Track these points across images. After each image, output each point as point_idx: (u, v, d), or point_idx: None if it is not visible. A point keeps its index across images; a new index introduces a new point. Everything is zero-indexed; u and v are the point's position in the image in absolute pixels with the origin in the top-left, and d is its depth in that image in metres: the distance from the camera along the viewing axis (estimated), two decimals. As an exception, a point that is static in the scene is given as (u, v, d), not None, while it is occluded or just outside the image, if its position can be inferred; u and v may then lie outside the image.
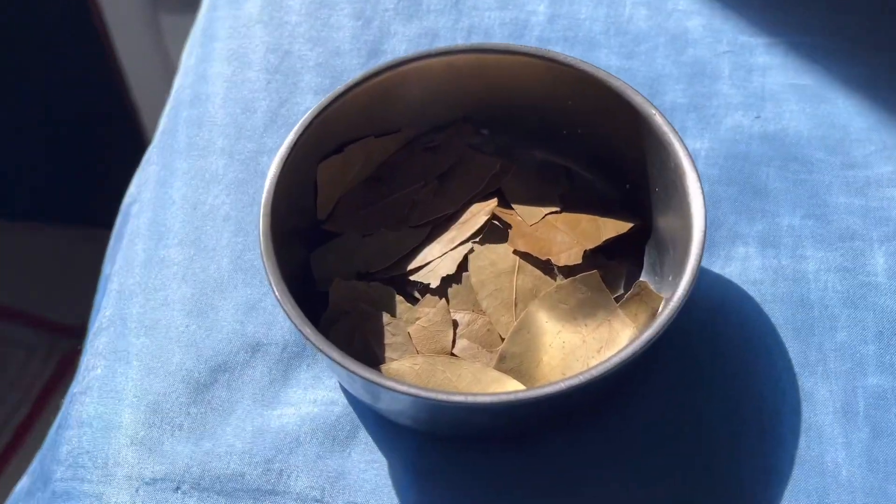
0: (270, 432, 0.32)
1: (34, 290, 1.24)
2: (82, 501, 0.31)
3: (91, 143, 1.20)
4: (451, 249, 0.33)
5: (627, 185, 0.34)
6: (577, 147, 0.35)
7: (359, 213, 0.34)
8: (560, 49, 0.40)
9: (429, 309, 0.32)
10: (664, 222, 0.32)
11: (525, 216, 0.33)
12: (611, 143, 0.33)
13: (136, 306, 0.35)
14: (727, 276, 0.33)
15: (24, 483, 0.37)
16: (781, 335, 0.32)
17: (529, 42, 0.40)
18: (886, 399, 0.30)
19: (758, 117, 0.37)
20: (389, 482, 0.30)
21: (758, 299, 0.32)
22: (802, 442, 0.29)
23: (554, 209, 0.34)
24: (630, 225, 0.33)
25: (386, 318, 0.32)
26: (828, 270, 0.33)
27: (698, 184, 0.29)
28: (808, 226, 0.34)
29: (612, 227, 0.33)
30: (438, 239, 0.33)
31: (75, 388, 0.35)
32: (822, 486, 0.28)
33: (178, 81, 0.43)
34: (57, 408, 1.08)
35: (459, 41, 0.40)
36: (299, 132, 0.32)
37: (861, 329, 0.31)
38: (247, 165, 0.38)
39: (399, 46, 0.40)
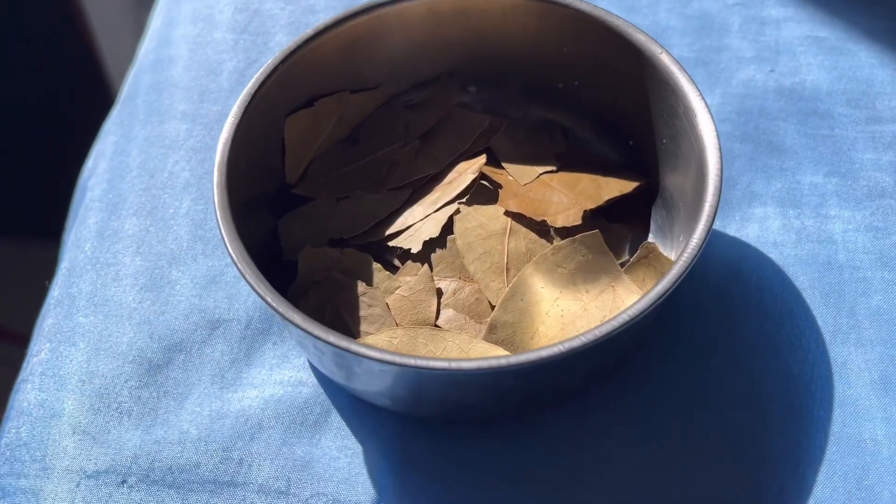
0: (230, 417, 0.28)
1: (20, 306, 1.21)
2: (17, 498, 0.27)
3: (77, 152, 1.17)
4: (435, 211, 0.29)
5: (631, 142, 0.31)
6: (575, 102, 0.32)
7: (332, 175, 0.31)
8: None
9: (410, 277, 0.28)
10: (673, 179, 0.28)
11: (517, 176, 0.30)
12: (612, 96, 0.30)
13: (86, 283, 0.31)
14: (744, 238, 0.30)
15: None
16: (807, 300, 0.28)
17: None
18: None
19: (772, 71, 0.34)
20: (364, 471, 0.27)
21: (779, 263, 0.29)
22: (837, 417, 0.26)
23: (550, 168, 0.30)
24: (635, 184, 0.30)
25: (361, 287, 0.28)
26: (857, 230, 0.30)
27: (712, 124, 0.26)
28: (832, 183, 0.31)
29: (616, 187, 0.30)
30: (421, 201, 0.30)
31: (21, 376, 0.31)
32: (860, 466, 0.25)
33: (143, 47, 0.40)
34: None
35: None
36: (261, 79, 0.28)
37: (897, 293, 0.28)
38: (210, 129, 0.34)
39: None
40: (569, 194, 0.30)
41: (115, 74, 0.98)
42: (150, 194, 0.33)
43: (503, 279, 0.28)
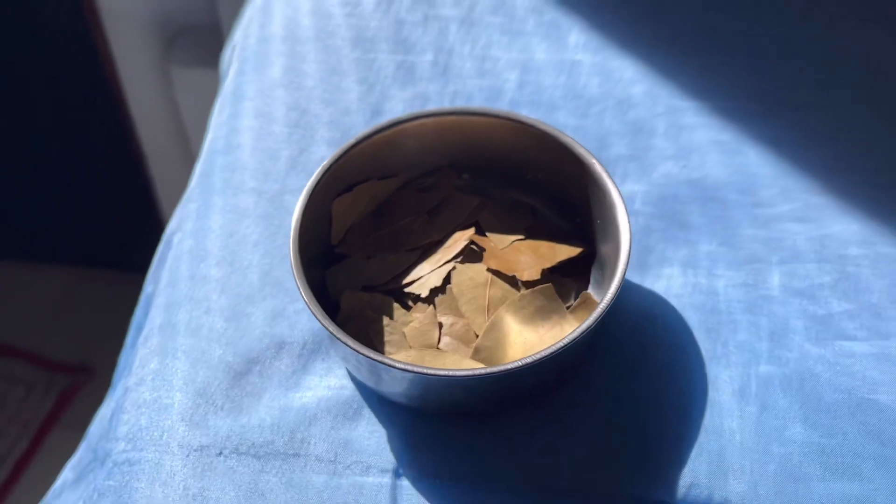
0: (293, 410, 0.40)
1: (34, 328, 1.30)
2: (143, 466, 0.39)
3: (95, 187, 1.27)
4: (438, 267, 0.41)
5: (578, 219, 0.42)
6: (539, 189, 0.43)
7: (365, 239, 0.42)
8: (527, 110, 0.49)
9: (420, 314, 0.40)
10: (604, 247, 0.40)
11: (496, 242, 0.42)
12: (564, 186, 0.42)
13: (183, 314, 0.43)
14: (656, 290, 0.42)
15: (66, 477, 0.45)
16: (695, 335, 0.40)
17: (503, 104, 0.49)
18: (772, 383, 0.38)
19: (685, 166, 0.46)
20: (388, 448, 0.39)
21: (678, 308, 0.41)
22: (707, 415, 0.37)
23: (520, 237, 0.42)
24: (579, 250, 0.41)
25: (385, 320, 0.40)
26: (734, 286, 0.42)
27: (626, 217, 0.38)
28: (721, 252, 0.43)
29: (566, 251, 0.41)
30: (428, 259, 0.41)
31: (129, 381, 0.42)
32: (720, 447, 0.37)
33: (211, 133, 0.51)
34: (57, 442, 1.17)
35: (446, 103, 0.49)
36: (318, 177, 0.40)
37: (757, 330, 0.40)
38: (272, 202, 0.46)
39: (396, 107, 0.49)
40: (532, 256, 0.41)
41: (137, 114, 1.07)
42: (228, 249, 0.45)
43: (485, 316, 0.39)
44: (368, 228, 0.43)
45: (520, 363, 0.34)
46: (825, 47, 0.50)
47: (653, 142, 0.47)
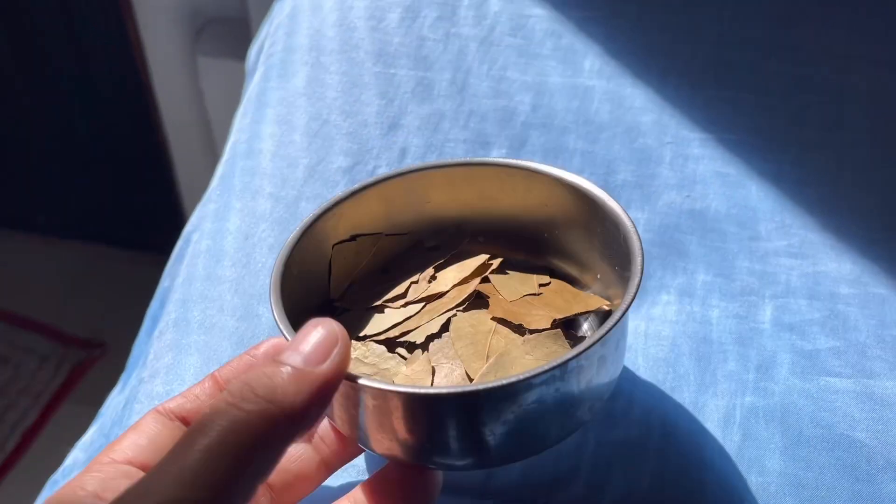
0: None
1: (50, 302, 1.32)
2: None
3: (118, 169, 1.29)
4: (438, 316, 0.37)
5: (598, 276, 0.38)
6: (556, 248, 0.40)
7: (367, 294, 0.39)
8: (538, 133, 0.50)
9: (414, 363, 0.36)
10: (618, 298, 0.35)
11: (506, 294, 0.38)
12: (581, 238, 0.38)
13: (198, 311, 0.45)
14: (652, 315, 0.43)
15: (76, 457, 0.46)
16: (686, 363, 0.42)
17: (515, 125, 0.51)
18: (756, 414, 0.40)
19: (688, 196, 0.48)
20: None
21: (672, 335, 0.43)
22: (691, 441, 0.39)
23: (532, 293, 0.38)
24: (599, 304, 0.37)
25: (376, 370, 0.36)
26: (727, 317, 0.43)
27: (640, 262, 0.34)
28: (717, 282, 0.45)
29: (582, 304, 0.37)
30: (428, 310, 0.38)
31: (143, 373, 0.44)
32: (700, 461, 0.38)
33: (233, 137, 0.53)
34: (66, 414, 1.21)
35: (461, 122, 0.51)
36: (317, 215, 0.37)
37: (745, 361, 0.41)
38: (288, 208, 0.48)
39: (413, 123, 0.51)
40: (545, 309, 0.36)
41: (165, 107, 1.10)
42: (244, 252, 0.47)
43: (483, 361, 0.35)
44: (371, 285, 0.40)
45: (502, 381, 0.30)
46: (833, 87, 0.52)
47: (659, 170, 0.49)
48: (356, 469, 0.39)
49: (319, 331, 0.30)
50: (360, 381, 0.31)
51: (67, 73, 1.21)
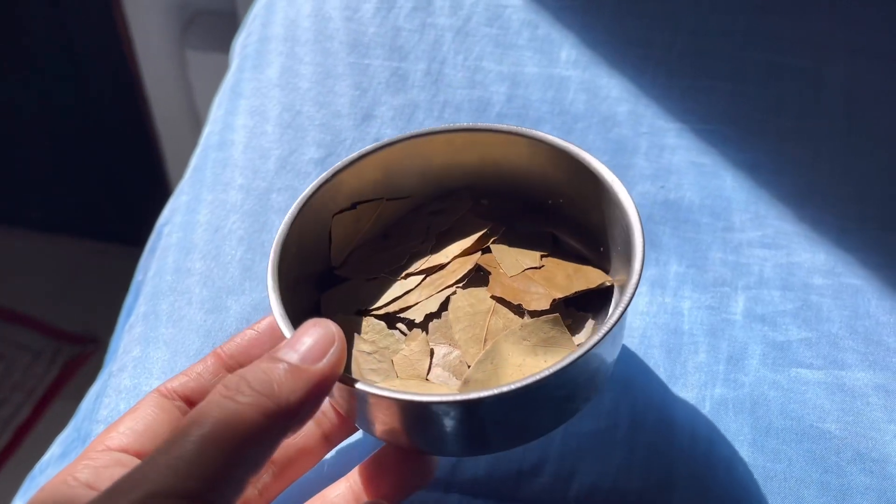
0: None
1: (43, 297, 1.32)
2: (118, 450, 0.41)
3: (108, 163, 1.29)
4: (437, 292, 0.37)
5: (601, 248, 0.38)
6: (561, 216, 0.39)
7: (367, 262, 0.39)
8: (513, 123, 0.49)
9: (413, 342, 0.36)
10: (622, 278, 0.35)
11: (506, 268, 0.37)
12: (586, 212, 0.38)
13: (166, 304, 0.45)
14: (623, 307, 0.43)
15: (53, 452, 0.46)
16: (656, 353, 0.41)
17: (490, 116, 0.50)
18: (726, 405, 0.39)
19: (662, 187, 0.47)
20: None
21: (642, 326, 0.42)
22: (659, 432, 0.39)
23: (534, 265, 0.37)
24: (600, 281, 0.37)
25: (375, 347, 0.36)
26: (699, 308, 0.43)
27: (642, 246, 0.33)
28: (689, 274, 0.44)
29: (583, 281, 0.37)
30: (427, 283, 0.37)
31: (113, 366, 0.44)
32: (668, 464, 0.38)
33: (207, 128, 0.53)
34: (59, 410, 1.21)
35: (436, 113, 0.50)
36: (315, 187, 0.37)
37: (716, 353, 0.41)
38: (259, 200, 0.48)
39: (386, 113, 0.50)
40: (545, 286, 0.36)
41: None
42: (213, 244, 0.46)
43: (481, 347, 0.35)
44: (372, 251, 0.39)
45: (496, 391, 0.30)
46: (809, 76, 0.51)
47: (634, 160, 0.48)
48: (356, 450, 0.39)
49: (317, 330, 0.30)
50: (358, 387, 0.31)
51: (56, 67, 1.21)
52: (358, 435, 0.39)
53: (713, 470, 0.38)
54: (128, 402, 0.42)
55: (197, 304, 0.44)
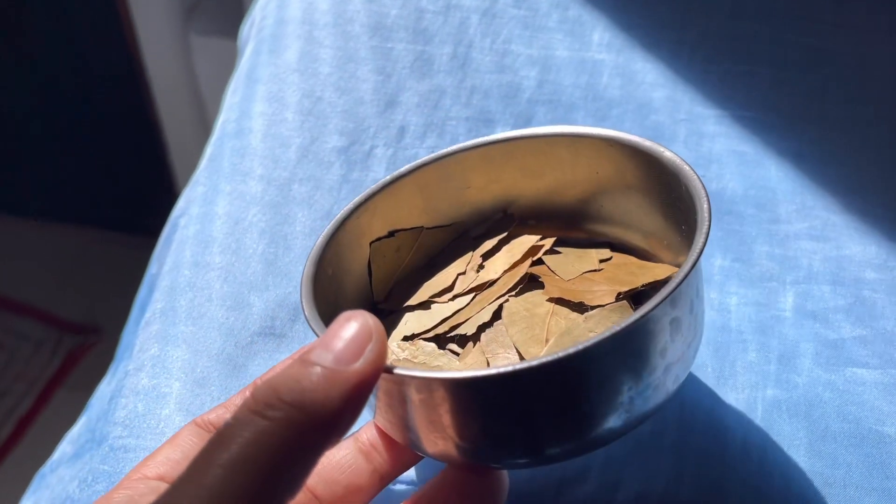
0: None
1: (45, 287, 1.30)
2: (138, 454, 0.38)
3: (111, 150, 1.27)
4: (489, 304, 0.34)
5: (665, 242, 0.35)
6: (616, 217, 0.36)
7: (412, 293, 0.36)
8: (545, 109, 0.48)
9: (466, 357, 0.33)
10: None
11: (562, 273, 0.34)
12: (641, 203, 0.35)
13: (185, 300, 0.42)
14: (666, 304, 0.41)
15: (64, 450, 0.44)
16: (703, 352, 0.39)
17: (521, 102, 0.48)
18: (779, 407, 0.37)
19: (703, 176, 0.45)
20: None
21: (688, 324, 0.40)
22: (710, 437, 0.37)
23: (592, 269, 0.35)
24: (668, 273, 0.33)
25: (426, 369, 0.33)
26: (746, 304, 0.41)
27: (705, 234, 0.31)
28: (735, 268, 0.42)
29: (650, 274, 0.34)
30: (477, 300, 0.35)
31: (129, 365, 0.42)
32: (721, 472, 0.36)
33: (223, 116, 0.51)
34: (62, 401, 1.19)
35: (463, 99, 0.48)
36: (349, 211, 0.35)
37: (766, 352, 0.39)
38: (281, 190, 0.45)
39: (412, 99, 0.48)
40: (608, 283, 0.33)
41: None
42: (234, 237, 0.44)
43: (541, 346, 0.32)
44: (416, 282, 0.37)
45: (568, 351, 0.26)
46: (854, 60, 0.49)
47: (672, 149, 0.46)
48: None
49: (352, 325, 0.27)
50: (397, 371, 0.28)
51: (57, 53, 1.19)
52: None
53: (768, 477, 0.36)
54: (146, 403, 0.40)
55: (217, 301, 0.42)
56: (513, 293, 0.34)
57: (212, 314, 0.42)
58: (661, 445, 0.36)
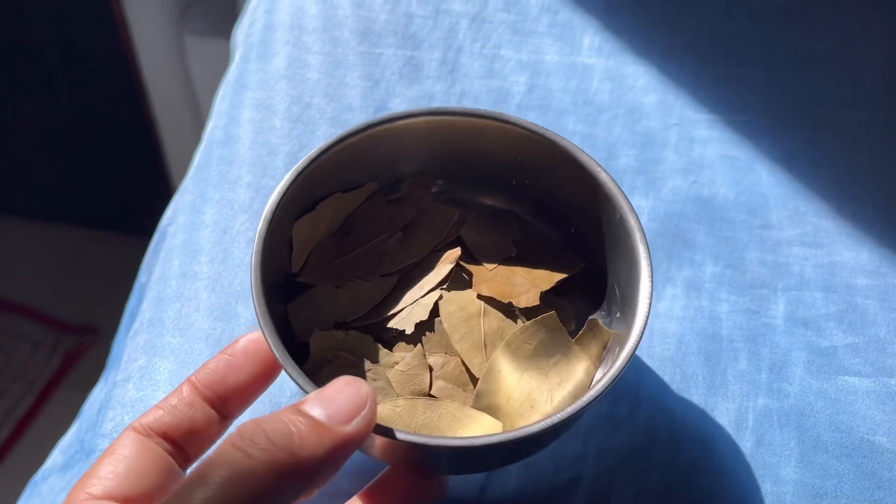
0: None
1: (42, 287, 1.30)
2: (124, 467, 0.38)
3: (107, 151, 1.27)
4: (422, 297, 0.35)
5: (572, 230, 0.38)
6: (525, 195, 0.38)
7: (330, 265, 0.37)
8: (535, 114, 0.47)
9: (404, 353, 0.34)
10: (610, 266, 0.36)
11: (483, 258, 0.37)
12: (556, 194, 0.37)
13: (172, 311, 0.42)
14: (657, 311, 0.41)
15: (55, 460, 0.44)
16: (694, 361, 0.39)
17: (511, 107, 0.48)
18: (770, 417, 0.37)
19: (695, 182, 0.45)
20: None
21: (678, 332, 0.40)
22: (700, 448, 0.37)
23: (510, 254, 0.37)
24: (579, 267, 0.37)
25: (366, 364, 0.34)
26: (737, 312, 0.40)
27: (644, 243, 0.33)
28: (726, 274, 0.42)
29: (563, 269, 0.37)
30: (408, 287, 0.36)
31: (117, 376, 0.42)
32: (710, 481, 0.36)
33: (211, 122, 0.50)
34: (60, 401, 1.19)
35: (453, 104, 0.48)
36: (281, 192, 0.34)
37: (757, 360, 0.39)
38: (269, 199, 0.45)
39: (401, 106, 0.48)
40: (527, 277, 0.36)
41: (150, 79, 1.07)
42: (221, 247, 0.44)
43: (482, 354, 0.34)
44: (334, 251, 0.37)
45: (545, 424, 0.29)
46: (846, 62, 0.49)
47: (663, 154, 0.46)
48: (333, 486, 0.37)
49: (350, 390, 0.28)
50: (401, 437, 0.29)
51: (52, 54, 1.19)
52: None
53: (758, 488, 0.35)
54: (132, 415, 0.39)
55: (205, 311, 0.42)
56: (444, 286, 0.35)
57: (199, 325, 0.41)
58: (652, 457, 0.36)
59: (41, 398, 1.20)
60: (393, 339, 0.35)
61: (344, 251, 0.37)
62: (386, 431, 0.29)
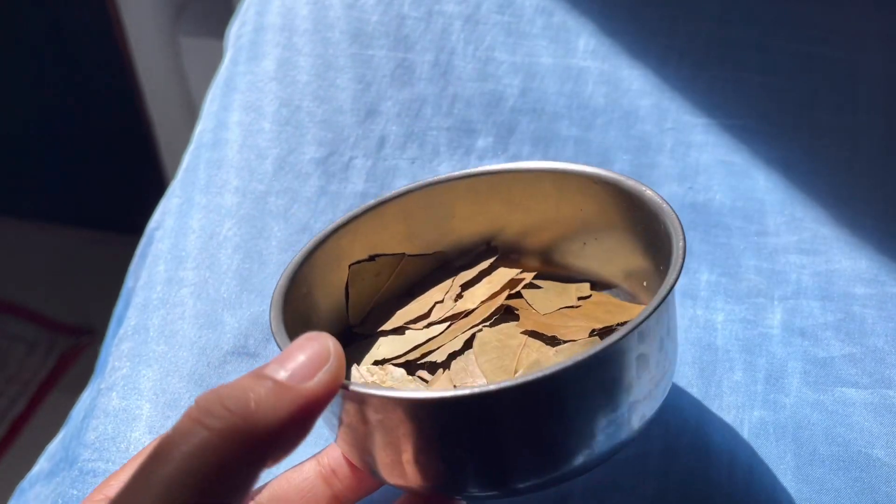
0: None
1: (37, 288, 1.29)
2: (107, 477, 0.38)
3: (102, 151, 1.27)
4: (462, 333, 0.34)
5: (645, 283, 0.35)
6: (598, 255, 0.36)
7: (389, 319, 0.36)
8: (528, 118, 0.46)
9: (435, 383, 0.33)
10: None
11: (539, 308, 0.34)
12: (626, 247, 0.35)
13: (157, 318, 0.41)
14: (650, 321, 0.40)
15: (42, 466, 0.43)
16: (689, 372, 0.38)
17: (504, 110, 0.47)
18: (766, 429, 0.36)
19: (690, 188, 0.44)
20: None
21: (673, 342, 0.39)
22: (695, 461, 0.36)
23: (570, 305, 0.35)
24: (640, 309, 0.33)
25: None
26: (733, 321, 0.40)
27: (678, 271, 0.30)
28: (722, 283, 0.41)
29: (626, 313, 0.33)
30: (451, 329, 0.34)
31: (101, 384, 0.41)
32: (706, 495, 0.35)
33: (200, 125, 0.49)
34: (55, 403, 1.18)
35: (444, 108, 0.47)
36: (329, 231, 0.34)
37: (753, 371, 0.38)
38: (257, 204, 0.44)
39: (392, 109, 0.47)
40: (583, 320, 0.33)
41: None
42: (208, 252, 0.43)
43: (510, 376, 0.31)
44: (394, 309, 0.36)
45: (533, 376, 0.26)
46: (844, 66, 0.48)
47: (659, 159, 0.45)
48: None
49: (312, 345, 0.27)
50: (353, 388, 0.27)
51: (45, 52, 1.18)
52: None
53: (754, 502, 0.35)
54: (115, 425, 0.39)
55: (190, 319, 0.41)
56: (487, 324, 0.34)
57: (184, 332, 0.40)
58: (646, 470, 0.35)
59: (36, 399, 1.20)
60: (428, 373, 0.33)
61: (403, 307, 0.36)
62: (345, 385, 0.27)
